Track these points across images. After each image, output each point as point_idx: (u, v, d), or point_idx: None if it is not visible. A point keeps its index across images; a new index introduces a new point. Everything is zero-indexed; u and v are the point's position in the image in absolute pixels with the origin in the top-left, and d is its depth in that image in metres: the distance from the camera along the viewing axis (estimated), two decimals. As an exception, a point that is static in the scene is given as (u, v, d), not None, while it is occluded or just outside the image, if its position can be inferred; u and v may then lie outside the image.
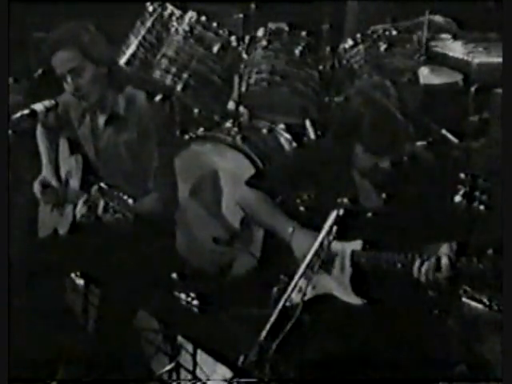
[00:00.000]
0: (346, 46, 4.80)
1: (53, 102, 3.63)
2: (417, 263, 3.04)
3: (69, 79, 3.70)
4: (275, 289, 3.25)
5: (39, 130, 4.09)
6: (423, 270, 3.03)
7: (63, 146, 3.98)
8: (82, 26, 3.77)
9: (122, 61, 4.68)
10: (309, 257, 2.89)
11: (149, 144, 3.78)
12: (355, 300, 3.21)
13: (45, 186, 3.99)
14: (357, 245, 3.21)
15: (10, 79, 4.53)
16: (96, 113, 3.85)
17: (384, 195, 3.25)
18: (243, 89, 4.82)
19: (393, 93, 3.21)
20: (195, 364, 3.37)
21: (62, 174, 3.96)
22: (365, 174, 3.27)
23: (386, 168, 3.17)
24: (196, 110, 4.92)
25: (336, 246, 3.20)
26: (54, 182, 3.97)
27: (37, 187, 3.99)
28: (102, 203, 3.43)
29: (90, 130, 3.88)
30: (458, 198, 2.98)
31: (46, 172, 4.01)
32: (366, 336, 3.16)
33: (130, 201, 3.40)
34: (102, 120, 3.84)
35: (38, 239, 4.02)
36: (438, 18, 4.85)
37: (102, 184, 3.54)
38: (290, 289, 2.87)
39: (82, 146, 3.93)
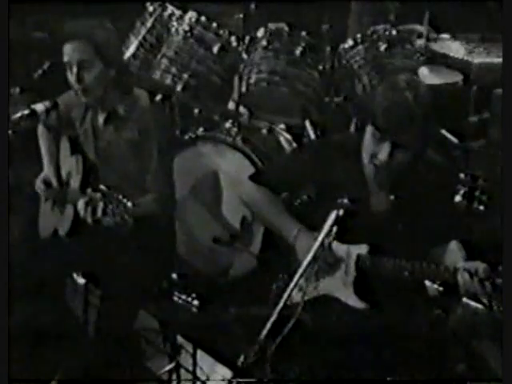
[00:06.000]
0: (346, 46, 4.81)
1: (53, 102, 3.63)
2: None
3: (74, 69, 3.68)
4: (274, 287, 3.25)
5: (40, 130, 4.08)
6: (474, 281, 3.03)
7: (64, 145, 3.98)
8: (99, 22, 3.77)
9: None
10: (309, 257, 2.88)
11: (149, 144, 3.77)
12: (357, 303, 3.21)
13: (47, 183, 3.99)
14: (363, 248, 3.20)
15: (17, 89, 4.56)
16: (97, 111, 3.84)
17: (392, 197, 3.24)
18: (243, 89, 4.82)
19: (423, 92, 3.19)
20: (195, 364, 3.36)
21: (63, 173, 3.95)
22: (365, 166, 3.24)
23: (386, 155, 3.14)
24: (196, 110, 4.93)
25: (342, 248, 3.20)
26: (54, 182, 3.97)
27: (39, 185, 3.99)
28: (101, 206, 3.41)
29: (91, 128, 3.88)
30: (458, 198, 2.97)
31: (48, 171, 4.00)
32: (366, 336, 3.16)
33: (129, 204, 3.37)
34: (102, 118, 3.84)
35: (38, 239, 4.01)
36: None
37: (102, 186, 3.51)
38: (290, 288, 2.87)
39: (82, 146, 3.93)
